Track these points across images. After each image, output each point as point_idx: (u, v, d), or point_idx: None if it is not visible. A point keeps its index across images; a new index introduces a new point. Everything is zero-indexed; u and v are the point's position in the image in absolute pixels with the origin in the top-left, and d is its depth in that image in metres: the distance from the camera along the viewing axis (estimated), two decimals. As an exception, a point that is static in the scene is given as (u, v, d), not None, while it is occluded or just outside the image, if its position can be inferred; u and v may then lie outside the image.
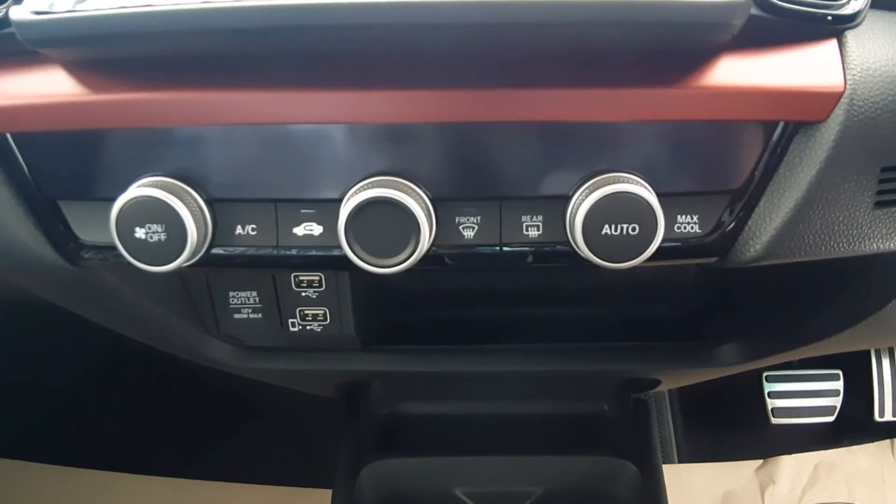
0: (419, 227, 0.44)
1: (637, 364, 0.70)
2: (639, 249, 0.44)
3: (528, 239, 0.47)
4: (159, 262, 0.45)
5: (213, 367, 0.69)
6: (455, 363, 0.69)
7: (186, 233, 0.45)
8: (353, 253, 0.45)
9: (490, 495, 0.76)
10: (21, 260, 0.52)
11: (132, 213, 0.45)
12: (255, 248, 0.49)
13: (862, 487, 1.38)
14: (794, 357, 0.71)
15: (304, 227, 0.48)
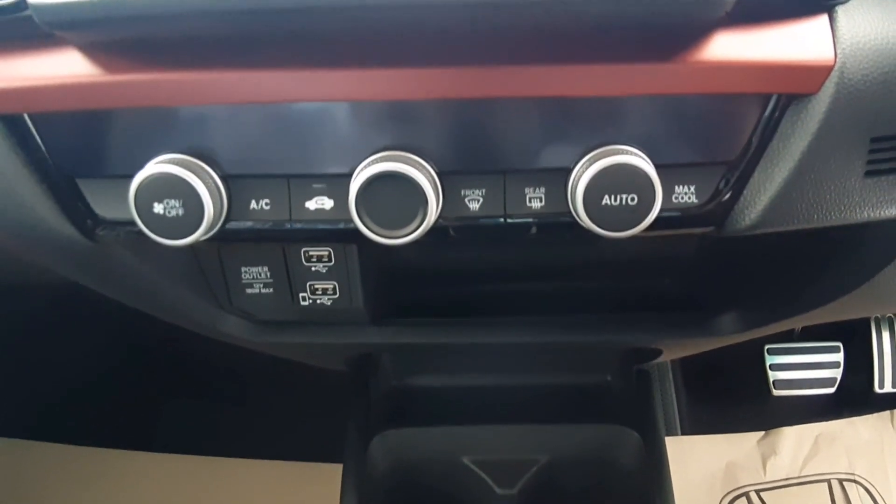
0: (426, 200, 0.46)
1: (639, 334, 0.72)
2: (638, 219, 0.46)
3: (531, 210, 0.49)
4: (177, 236, 0.47)
5: (226, 341, 0.71)
6: (462, 335, 0.71)
7: (203, 207, 0.46)
8: (363, 225, 0.47)
9: (497, 463, 0.79)
10: (41, 236, 0.53)
11: (151, 189, 0.46)
12: (269, 222, 0.50)
13: (862, 458, 1.40)
14: (792, 326, 0.73)
15: (316, 201, 0.49)
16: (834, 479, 1.37)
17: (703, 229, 0.50)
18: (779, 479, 1.38)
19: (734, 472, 1.38)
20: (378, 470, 0.79)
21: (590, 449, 0.80)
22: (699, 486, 1.36)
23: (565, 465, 0.80)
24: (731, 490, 1.37)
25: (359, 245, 0.62)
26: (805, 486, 1.37)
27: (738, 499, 1.36)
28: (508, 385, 0.83)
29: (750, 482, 1.37)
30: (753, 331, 0.70)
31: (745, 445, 1.41)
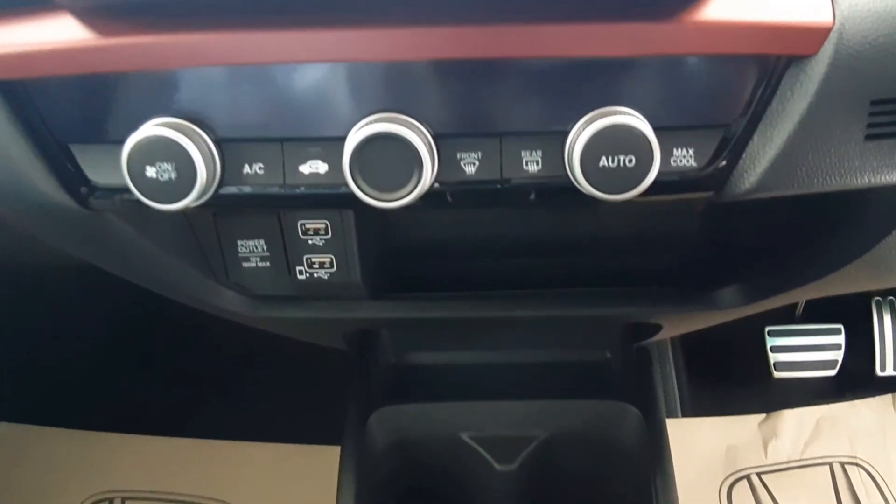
0: (421, 162, 0.46)
1: (639, 308, 0.72)
2: (635, 181, 0.46)
3: (528, 174, 0.49)
4: (170, 201, 0.47)
5: (223, 316, 0.70)
6: (461, 309, 0.71)
7: (196, 171, 0.46)
8: (357, 188, 0.46)
9: (496, 439, 0.79)
10: (35, 204, 0.53)
11: (143, 152, 0.46)
12: (263, 187, 0.50)
13: (863, 441, 1.40)
14: (792, 299, 0.72)
15: (310, 164, 0.49)
16: (836, 462, 1.37)
17: (702, 194, 0.50)
18: (780, 462, 1.38)
19: (735, 455, 1.38)
20: (377, 446, 0.79)
21: (589, 425, 0.80)
22: (700, 469, 1.36)
23: (565, 440, 0.79)
24: (732, 472, 1.37)
25: (356, 217, 0.62)
26: (806, 469, 1.37)
27: (740, 481, 1.36)
28: (508, 362, 0.83)
29: (751, 465, 1.37)
30: (754, 304, 0.70)
31: (746, 428, 1.41)
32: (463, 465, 0.80)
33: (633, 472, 0.79)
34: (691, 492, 1.33)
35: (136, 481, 1.39)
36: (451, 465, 0.80)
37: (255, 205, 0.51)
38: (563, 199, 0.49)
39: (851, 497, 1.33)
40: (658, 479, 0.75)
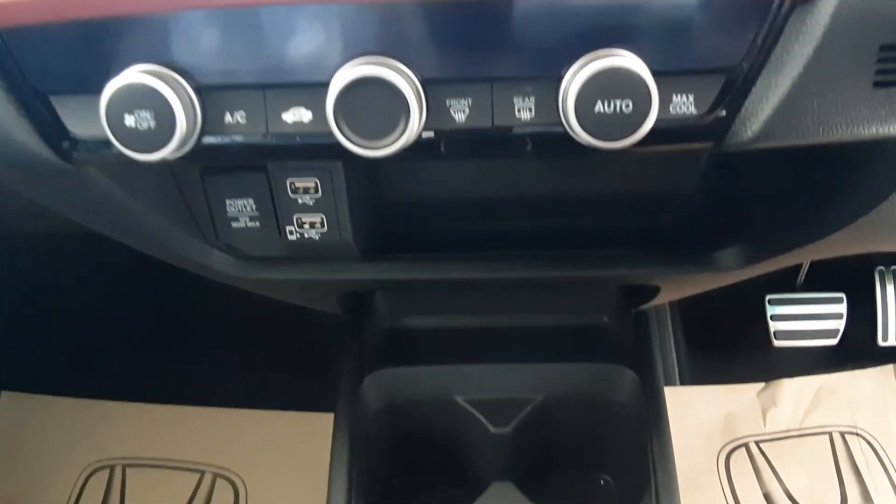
0: (409, 108, 0.44)
1: (637, 269, 0.70)
2: (633, 127, 0.44)
3: (520, 121, 0.47)
4: (149, 150, 0.46)
5: (214, 277, 0.69)
6: (455, 270, 0.69)
7: (175, 119, 0.45)
8: (342, 136, 0.45)
9: (491, 402, 0.78)
10: (16, 158, 0.52)
11: (121, 101, 0.45)
12: (246, 136, 0.48)
13: (864, 411, 1.39)
14: (795, 260, 0.71)
15: (293, 112, 0.47)
16: (835, 432, 1.37)
17: (702, 144, 0.48)
18: (779, 431, 1.38)
19: (734, 423, 1.38)
20: (370, 409, 0.78)
21: (586, 388, 0.79)
22: (698, 437, 1.36)
23: (561, 403, 0.79)
24: (731, 441, 1.37)
25: (346, 175, 0.60)
26: (806, 438, 1.37)
27: (738, 449, 1.36)
28: (504, 326, 0.82)
29: (750, 433, 1.37)
30: (754, 266, 0.68)
31: (744, 396, 1.41)
32: (458, 428, 0.79)
33: (629, 435, 0.78)
34: (689, 459, 1.33)
35: (137, 448, 1.40)
36: (446, 428, 0.80)
37: (238, 156, 0.50)
38: (558, 148, 0.47)
39: (851, 466, 1.33)
40: (655, 441, 0.74)
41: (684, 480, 1.29)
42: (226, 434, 1.41)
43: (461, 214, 0.72)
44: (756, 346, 1.43)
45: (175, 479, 1.37)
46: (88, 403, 1.46)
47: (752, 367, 1.43)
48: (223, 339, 1.51)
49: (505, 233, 0.73)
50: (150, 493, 1.36)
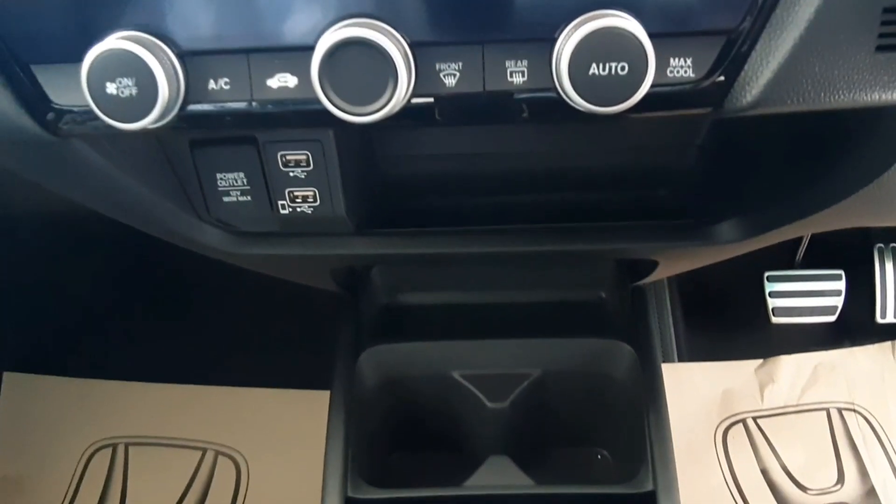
0: (396, 72, 0.43)
1: (634, 243, 0.69)
2: (629, 91, 0.43)
3: (512, 86, 0.46)
4: (132, 119, 0.45)
5: (206, 254, 0.68)
6: (451, 245, 0.69)
7: (157, 86, 0.44)
8: (328, 101, 0.44)
9: (488, 377, 0.78)
10: (3, 132, 0.51)
11: (102, 68, 0.44)
12: (230, 103, 0.47)
13: (861, 388, 1.39)
14: (793, 233, 0.70)
15: (278, 78, 0.46)
16: (833, 408, 1.37)
17: (700, 109, 0.47)
18: (776, 407, 1.38)
19: (731, 400, 1.38)
20: (367, 385, 0.78)
21: (583, 363, 0.79)
22: (695, 413, 1.36)
23: (558, 379, 0.79)
24: (728, 416, 1.37)
25: (338, 147, 0.59)
26: (803, 415, 1.37)
27: (735, 425, 1.36)
28: (501, 302, 0.82)
29: (747, 409, 1.37)
30: (752, 239, 0.68)
31: (742, 373, 1.41)
32: (455, 403, 0.79)
33: (626, 410, 0.78)
34: (686, 435, 1.33)
35: (139, 427, 1.41)
36: (443, 404, 0.80)
37: (224, 124, 0.49)
38: (552, 113, 0.46)
39: (848, 443, 1.33)
40: (652, 417, 0.74)
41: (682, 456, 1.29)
42: (227, 412, 1.42)
43: (457, 188, 0.71)
44: (754, 323, 1.42)
45: (177, 457, 1.38)
46: (90, 383, 1.47)
47: (751, 343, 1.43)
48: (221, 317, 1.51)
49: (502, 207, 0.72)
50: (152, 471, 1.37)
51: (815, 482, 1.29)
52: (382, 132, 0.67)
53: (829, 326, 1.40)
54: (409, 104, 0.45)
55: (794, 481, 1.29)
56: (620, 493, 0.70)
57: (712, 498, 1.28)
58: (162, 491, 1.35)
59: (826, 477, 1.29)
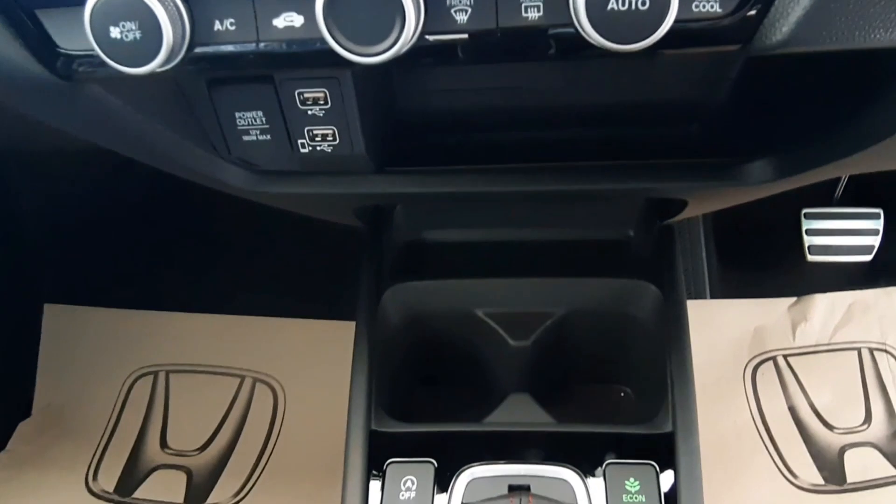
0: (404, 9, 0.41)
1: (663, 182, 0.68)
2: (650, 27, 0.41)
3: (527, 22, 0.44)
4: (138, 63, 0.44)
5: (229, 192, 0.69)
6: (473, 184, 0.68)
7: (161, 29, 0.43)
8: (334, 41, 0.43)
9: (511, 316, 0.78)
10: (17, 80, 0.51)
11: (105, 12, 0.43)
12: (237, 45, 0.47)
13: (894, 328, 1.37)
14: (827, 175, 0.68)
15: (284, 17, 0.45)
16: (864, 348, 1.36)
17: (727, 47, 0.45)
18: (808, 346, 1.37)
19: (762, 337, 1.38)
20: (390, 322, 0.79)
21: (607, 303, 0.78)
22: (726, 350, 1.36)
23: (581, 318, 0.78)
24: (759, 354, 1.36)
25: (355, 85, 0.58)
26: (834, 353, 1.36)
27: (765, 363, 1.36)
28: (527, 241, 0.81)
29: (778, 347, 1.37)
30: (785, 180, 0.65)
31: (775, 310, 1.39)
32: (477, 341, 0.80)
33: (650, 350, 0.78)
34: (716, 371, 1.34)
35: (179, 356, 1.46)
36: (465, 341, 0.81)
37: (232, 66, 0.48)
38: (570, 51, 0.45)
39: (877, 382, 1.32)
40: (674, 357, 0.74)
41: (710, 392, 1.31)
42: (264, 342, 1.46)
43: (479, 124, 0.70)
44: (789, 261, 1.40)
45: (216, 383, 1.43)
46: (129, 313, 1.51)
47: (785, 281, 1.41)
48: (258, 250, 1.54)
49: (525, 144, 0.70)
50: (193, 396, 1.42)
51: (842, 421, 1.29)
52: (399, 69, 0.66)
53: (865, 266, 1.37)
54: (419, 43, 0.44)
55: (821, 419, 1.29)
56: (639, 433, 0.71)
57: (739, 434, 1.29)
58: (202, 416, 1.40)
59: (853, 416, 1.29)
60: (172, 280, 1.55)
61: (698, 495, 0.67)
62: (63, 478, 1.33)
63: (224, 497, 1.30)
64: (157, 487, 1.32)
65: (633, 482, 0.67)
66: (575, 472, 0.67)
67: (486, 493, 0.67)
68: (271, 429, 1.39)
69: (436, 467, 0.69)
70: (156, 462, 1.36)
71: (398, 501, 0.68)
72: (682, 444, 0.69)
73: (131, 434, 1.39)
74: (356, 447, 0.72)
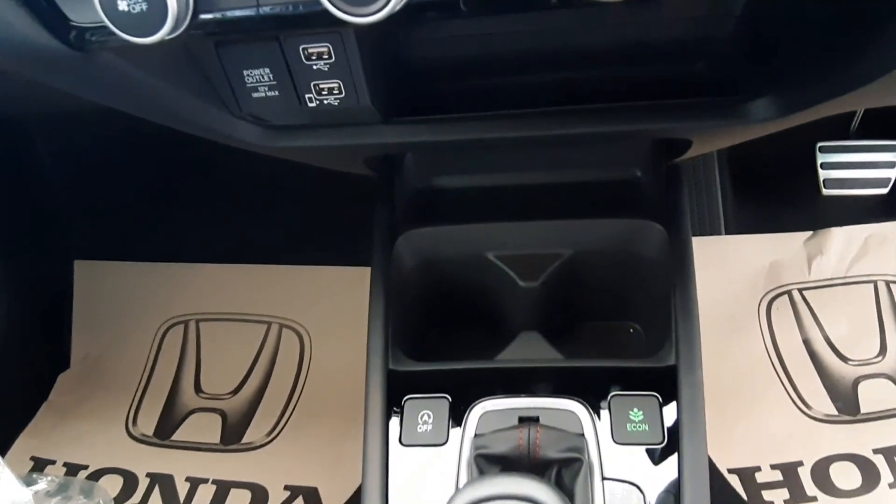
0: None
1: (667, 122, 0.68)
2: None
3: None
4: (147, 33, 0.47)
5: (242, 147, 0.71)
6: (482, 130, 0.69)
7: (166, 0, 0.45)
8: (328, 2, 0.44)
9: (521, 258, 0.80)
10: (29, 51, 0.53)
11: None
12: (239, 10, 0.49)
13: (912, 261, 1.37)
14: (831, 111, 0.68)
15: None
16: (881, 281, 1.36)
17: None
18: (823, 279, 1.38)
19: (778, 271, 1.38)
20: (404, 267, 0.81)
21: (614, 243, 0.80)
22: (741, 284, 1.37)
23: (588, 258, 0.80)
24: (774, 288, 1.37)
25: (358, 38, 0.59)
26: (850, 287, 1.37)
27: (780, 297, 1.37)
28: (534, 183, 0.82)
29: (793, 281, 1.37)
30: (789, 117, 0.66)
31: (791, 245, 1.40)
32: (488, 283, 0.82)
33: (657, 287, 0.80)
34: (731, 306, 1.35)
35: (207, 305, 1.52)
36: (477, 284, 0.83)
37: (238, 30, 0.50)
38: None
39: (893, 314, 1.33)
40: (678, 293, 0.76)
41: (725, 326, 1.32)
42: (289, 289, 1.50)
43: (485, 71, 0.71)
44: (805, 196, 1.40)
45: (245, 329, 1.48)
46: (157, 266, 1.56)
47: (800, 216, 1.41)
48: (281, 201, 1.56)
49: (531, 89, 0.71)
50: (223, 343, 1.48)
51: (856, 353, 1.30)
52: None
53: (882, 199, 1.37)
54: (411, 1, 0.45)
55: (835, 352, 1.31)
56: (643, 366, 0.73)
57: (753, 367, 1.31)
58: (233, 361, 1.46)
59: (868, 348, 1.30)
60: (195, 233, 1.58)
61: (700, 426, 0.70)
62: (104, 424, 1.40)
63: (258, 436, 1.36)
64: (194, 430, 1.39)
65: (636, 412, 0.70)
66: (581, 404, 0.70)
67: (497, 424, 0.70)
68: (299, 371, 1.44)
69: (450, 402, 0.73)
70: (191, 406, 1.42)
71: (416, 434, 0.72)
72: (685, 377, 0.71)
73: (166, 381, 1.45)
74: (375, 386, 0.75)
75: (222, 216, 1.58)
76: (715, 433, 1.17)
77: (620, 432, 0.69)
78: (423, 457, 0.72)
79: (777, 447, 1.21)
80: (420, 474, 0.71)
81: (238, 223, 1.57)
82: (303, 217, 1.55)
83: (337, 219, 1.48)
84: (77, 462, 1.34)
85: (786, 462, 1.19)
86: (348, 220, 1.40)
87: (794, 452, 1.20)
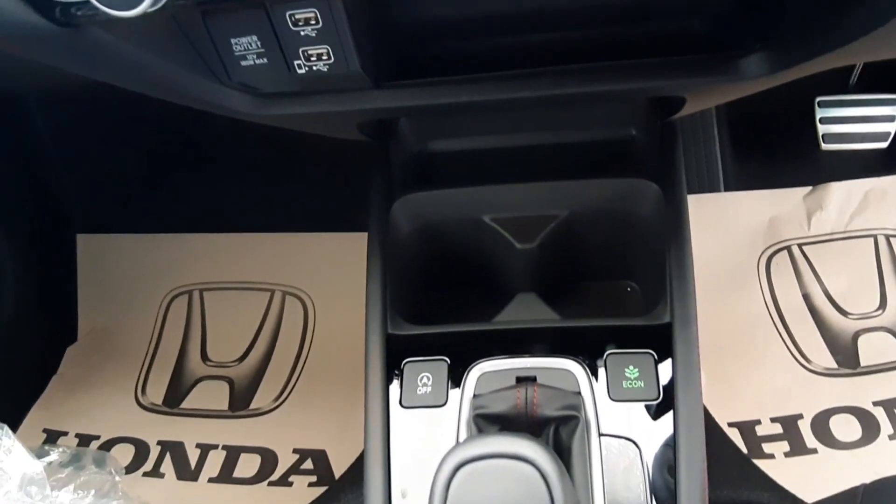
0: None
1: (659, 80, 0.68)
2: None
3: None
4: (129, 6, 0.46)
5: (233, 116, 0.71)
6: (471, 93, 0.68)
7: None
8: None
9: (517, 220, 0.80)
10: (15, 29, 0.53)
11: None
12: None
13: (912, 215, 1.37)
14: (825, 66, 0.67)
15: None
16: (881, 235, 1.36)
17: None
18: (823, 234, 1.38)
19: (777, 226, 1.38)
20: (401, 232, 0.81)
21: (610, 203, 0.80)
22: (740, 241, 1.37)
23: (584, 219, 0.80)
24: (773, 243, 1.38)
25: (344, 2, 0.59)
26: (849, 241, 1.37)
27: (780, 252, 1.37)
28: (529, 145, 0.82)
29: (793, 236, 1.38)
30: (784, 72, 0.65)
31: (790, 200, 1.39)
32: (485, 245, 0.82)
33: (652, 246, 0.80)
34: (730, 262, 1.36)
35: (210, 274, 1.53)
36: (474, 246, 0.83)
37: None
38: None
39: (893, 268, 1.33)
40: (673, 251, 0.76)
41: (724, 283, 1.33)
42: (290, 256, 1.52)
43: (477, 31, 0.70)
44: (804, 151, 1.39)
45: (248, 298, 1.50)
46: (159, 238, 1.57)
47: (800, 171, 1.40)
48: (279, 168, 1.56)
49: (523, 49, 0.70)
50: (227, 310, 1.50)
51: (856, 307, 1.31)
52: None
53: (881, 153, 1.36)
54: None
55: (835, 306, 1.32)
56: (638, 324, 0.74)
57: (753, 323, 1.32)
58: (238, 329, 1.48)
59: (868, 302, 1.31)
60: (196, 203, 1.59)
61: (695, 380, 0.71)
62: (114, 395, 1.43)
63: (265, 402, 1.39)
64: (202, 397, 1.41)
65: (632, 370, 0.71)
66: (578, 363, 0.71)
67: (495, 384, 0.72)
68: (304, 337, 1.46)
69: (449, 364, 0.74)
70: (199, 374, 1.44)
71: (416, 396, 0.73)
72: (680, 334, 0.72)
73: (173, 350, 1.47)
74: (375, 350, 0.76)
75: (222, 187, 1.59)
76: (715, 388, 1.19)
77: (616, 389, 0.71)
78: (424, 418, 0.73)
79: (777, 400, 1.22)
80: (421, 435, 0.72)
81: (238, 193, 1.58)
82: (303, 184, 1.55)
83: (337, 184, 1.48)
84: (88, 433, 1.37)
85: (786, 415, 1.21)
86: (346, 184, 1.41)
87: (794, 405, 1.22)
